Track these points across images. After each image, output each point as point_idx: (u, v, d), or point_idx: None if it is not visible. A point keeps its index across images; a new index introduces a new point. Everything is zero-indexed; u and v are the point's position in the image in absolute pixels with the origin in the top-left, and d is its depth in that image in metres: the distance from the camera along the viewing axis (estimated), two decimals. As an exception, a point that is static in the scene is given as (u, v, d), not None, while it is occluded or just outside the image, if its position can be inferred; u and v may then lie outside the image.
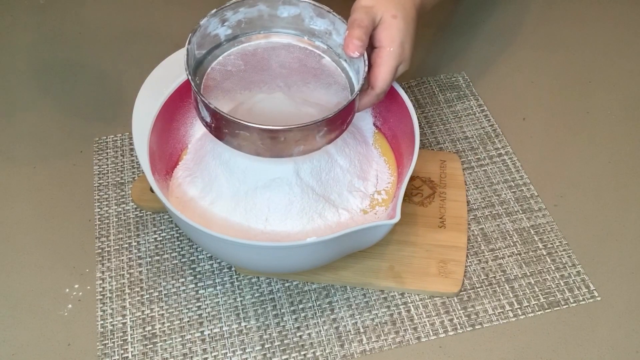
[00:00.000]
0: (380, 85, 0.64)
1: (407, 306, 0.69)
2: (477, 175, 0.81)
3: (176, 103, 0.73)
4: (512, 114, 0.88)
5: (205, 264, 0.73)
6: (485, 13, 1.03)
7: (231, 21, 0.69)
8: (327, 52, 0.71)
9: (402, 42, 0.64)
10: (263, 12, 0.70)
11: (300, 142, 0.61)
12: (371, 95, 0.64)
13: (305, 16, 0.70)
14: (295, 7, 0.69)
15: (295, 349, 0.66)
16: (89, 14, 1.05)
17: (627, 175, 0.81)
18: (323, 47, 0.71)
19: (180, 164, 0.74)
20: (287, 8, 0.69)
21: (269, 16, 0.70)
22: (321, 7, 0.68)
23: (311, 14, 0.69)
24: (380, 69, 0.63)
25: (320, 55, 0.71)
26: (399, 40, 0.64)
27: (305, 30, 0.71)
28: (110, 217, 0.77)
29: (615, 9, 1.03)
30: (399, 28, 0.64)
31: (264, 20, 0.70)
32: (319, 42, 0.71)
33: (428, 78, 0.93)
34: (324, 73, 0.69)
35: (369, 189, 0.72)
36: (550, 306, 0.69)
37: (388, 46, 0.63)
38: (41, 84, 0.94)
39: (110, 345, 0.67)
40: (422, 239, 0.73)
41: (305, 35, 0.71)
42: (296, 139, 0.61)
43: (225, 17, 0.68)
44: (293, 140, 0.61)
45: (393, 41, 0.63)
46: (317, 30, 0.70)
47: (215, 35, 0.69)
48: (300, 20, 0.70)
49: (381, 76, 0.63)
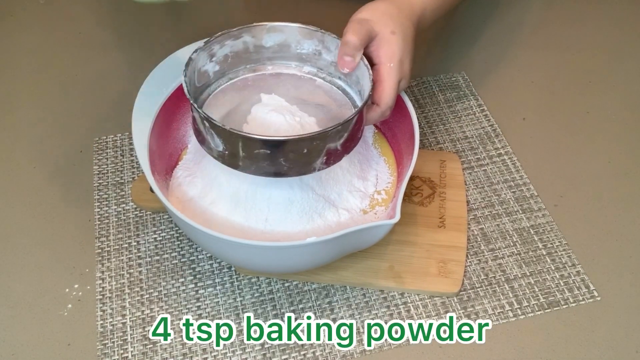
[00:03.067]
0: (385, 102, 0.64)
1: (407, 306, 0.69)
2: (477, 175, 0.81)
3: (176, 103, 0.73)
4: (512, 114, 0.88)
5: (205, 264, 0.73)
6: (485, 13, 1.03)
7: (218, 56, 0.69)
8: (319, 75, 0.71)
9: (401, 59, 0.64)
10: (248, 44, 0.69)
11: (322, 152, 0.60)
12: (377, 112, 0.64)
13: (292, 41, 0.70)
14: (281, 33, 0.69)
15: (295, 349, 0.66)
16: (89, 14, 1.05)
17: (627, 175, 0.81)
18: (313, 70, 0.71)
19: (180, 164, 0.74)
20: (272, 36, 0.69)
21: (255, 47, 0.70)
22: (308, 28, 0.68)
23: (297, 37, 0.69)
24: (383, 86, 0.64)
25: (312, 78, 0.71)
26: (398, 56, 0.64)
27: (292, 57, 0.71)
28: (110, 217, 0.77)
29: (615, 9, 1.03)
30: (398, 45, 0.64)
31: (250, 54, 0.70)
32: (308, 67, 0.71)
33: (428, 78, 0.93)
34: (319, 92, 0.70)
35: (369, 189, 0.72)
36: (550, 306, 0.69)
37: (388, 62, 0.64)
38: (41, 84, 0.94)
39: (110, 345, 0.67)
40: (422, 239, 0.73)
41: (293, 62, 0.71)
42: (319, 149, 0.60)
43: (213, 51, 0.68)
44: (316, 151, 0.60)
45: (393, 57, 0.64)
46: (304, 54, 0.70)
47: (205, 72, 0.69)
48: (287, 47, 0.70)
49: (384, 93, 0.64)
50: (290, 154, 0.59)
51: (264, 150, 0.59)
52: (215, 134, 0.60)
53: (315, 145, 0.60)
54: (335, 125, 0.59)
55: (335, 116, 0.67)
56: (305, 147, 0.59)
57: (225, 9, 1.04)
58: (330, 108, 0.68)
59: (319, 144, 0.60)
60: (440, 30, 1.01)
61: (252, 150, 0.59)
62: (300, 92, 0.70)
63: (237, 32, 0.68)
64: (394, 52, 0.64)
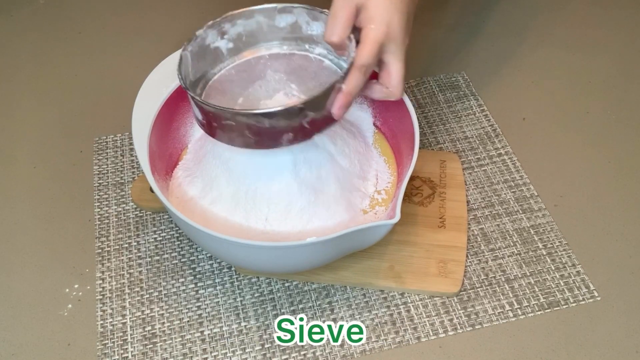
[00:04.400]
0: (358, 60, 0.61)
1: (407, 306, 0.69)
2: (477, 175, 0.81)
3: (176, 103, 0.73)
4: (512, 114, 0.88)
5: (205, 264, 0.73)
6: (485, 13, 1.03)
7: (231, 34, 0.70)
8: (328, 56, 0.71)
9: (387, 21, 0.61)
10: (262, 24, 0.71)
11: (288, 129, 0.61)
12: (353, 72, 0.61)
13: (302, 22, 0.70)
14: (291, 14, 0.70)
15: (295, 349, 0.66)
16: (89, 14, 1.05)
17: (627, 175, 0.81)
18: (324, 52, 0.71)
19: (180, 164, 0.74)
20: (284, 17, 0.70)
21: (268, 27, 0.71)
22: (314, 10, 0.69)
23: (306, 18, 0.70)
24: (360, 47, 0.61)
25: (321, 59, 0.71)
26: (381, 17, 0.61)
27: (304, 38, 0.72)
28: (110, 217, 0.77)
29: (615, 9, 1.03)
30: (379, 7, 0.61)
31: (264, 33, 0.71)
32: (319, 48, 0.72)
33: (428, 78, 0.93)
34: (325, 74, 0.69)
35: (369, 189, 0.72)
36: (550, 306, 0.69)
37: (368, 25, 0.62)
38: (41, 83, 0.94)
39: (110, 345, 0.67)
40: (422, 239, 0.73)
41: (306, 44, 0.72)
42: (281, 124, 0.60)
43: (224, 29, 0.69)
44: (279, 126, 0.60)
45: (373, 20, 0.61)
46: (315, 35, 0.71)
47: (216, 48, 0.70)
48: (298, 27, 0.71)
49: (360, 52, 0.61)
50: (254, 126, 0.60)
51: (229, 121, 0.60)
52: (195, 105, 0.63)
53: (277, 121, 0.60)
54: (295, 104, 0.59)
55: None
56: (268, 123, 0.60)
57: (226, 10, 1.04)
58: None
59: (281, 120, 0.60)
60: (440, 30, 1.01)
61: (221, 121, 0.61)
62: (307, 73, 0.70)
63: (249, 12, 0.69)
64: (373, 15, 0.61)
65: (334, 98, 0.61)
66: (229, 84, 0.69)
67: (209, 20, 0.68)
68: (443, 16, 1.03)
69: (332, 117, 0.63)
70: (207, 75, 0.70)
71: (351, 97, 0.62)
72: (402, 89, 0.64)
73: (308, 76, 0.70)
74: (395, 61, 0.63)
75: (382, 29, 0.61)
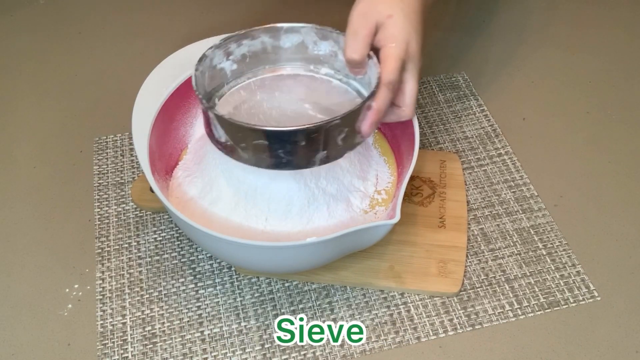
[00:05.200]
0: (385, 77, 0.61)
1: (407, 306, 0.69)
2: (477, 175, 0.81)
3: (176, 103, 0.73)
4: (512, 114, 0.88)
5: (205, 264, 0.73)
6: (485, 13, 1.03)
7: (236, 55, 0.69)
8: (335, 76, 0.71)
9: (406, 39, 0.62)
10: (266, 44, 0.70)
11: (323, 147, 0.60)
12: (381, 90, 0.62)
13: (309, 42, 0.70)
14: (298, 34, 0.69)
15: (295, 349, 0.66)
16: (89, 14, 1.05)
17: (627, 175, 0.81)
18: (330, 72, 0.71)
19: (180, 164, 0.74)
20: (290, 37, 0.69)
21: (273, 48, 0.70)
22: (323, 29, 0.68)
23: (314, 38, 0.69)
24: (384, 64, 0.62)
25: (329, 79, 0.71)
26: (401, 37, 0.62)
27: (309, 59, 0.71)
28: (110, 217, 0.77)
29: (615, 9, 1.03)
30: (398, 26, 0.62)
31: (268, 54, 0.71)
32: (325, 69, 0.71)
33: (428, 78, 0.93)
34: (335, 93, 0.69)
35: (369, 189, 0.72)
36: (550, 306, 0.69)
37: (389, 44, 0.62)
38: (41, 83, 0.94)
39: (110, 345, 0.67)
40: (422, 239, 0.73)
41: (311, 64, 0.71)
42: (318, 142, 0.59)
43: (230, 50, 0.68)
44: (314, 144, 0.60)
45: (394, 39, 0.62)
46: (322, 55, 0.70)
47: (221, 69, 0.69)
48: (304, 48, 0.70)
49: (385, 69, 0.61)
50: (288, 145, 0.59)
51: (262, 140, 0.59)
52: (218, 124, 0.61)
53: (314, 137, 0.59)
54: (333, 118, 0.58)
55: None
56: (304, 139, 0.59)
57: (226, 10, 1.04)
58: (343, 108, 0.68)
59: (318, 136, 0.59)
60: (440, 30, 1.01)
61: (251, 141, 0.60)
62: (316, 93, 0.70)
63: (254, 33, 0.68)
64: (394, 34, 0.62)
65: (364, 115, 0.61)
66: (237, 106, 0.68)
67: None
68: (443, 16, 1.03)
69: (360, 135, 0.63)
70: (212, 97, 0.69)
71: (380, 115, 0.62)
72: (414, 109, 0.65)
73: (320, 97, 0.69)
74: (411, 80, 0.63)
75: (403, 46, 0.62)
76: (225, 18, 1.02)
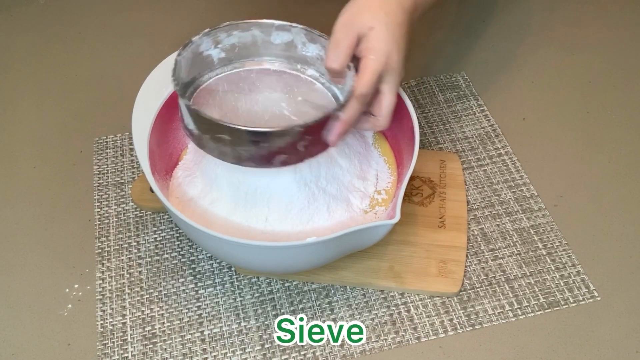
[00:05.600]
0: (357, 89, 0.61)
1: (407, 306, 0.69)
2: (477, 175, 0.81)
3: (176, 103, 0.72)
4: (512, 114, 0.88)
5: (205, 264, 0.73)
6: (485, 13, 1.03)
7: (225, 44, 0.70)
8: (319, 79, 0.71)
9: (387, 51, 0.62)
10: (257, 38, 0.70)
11: (282, 150, 0.61)
12: (352, 102, 0.62)
13: (298, 42, 0.70)
14: (288, 32, 0.70)
15: (295, 349, 0.66)
16: (89, 14, 1.05)
17: (627, 175, 0.81)
18: (315, 74, 0.71)
19: (180, 164, 0.74)
20: (280, 34, 0.70)
21: (263, 42, 0.71)
22: (312, 32, 0.69)
23: (303, 39, 0.70)
24: (359, 77, 0.62)
25: (312, 81, 0.71)
26: (382, 49, 0.62)
27: (297, 58, 0.72)
28: (110, 217, 0.77)
29: (615, 9, 1.03)
30: (379, 38, 0.62)
31: (257, 47, 0.71)
32: (311, 70, 0.72)
33: (428, 78, 0.93)
34: (315, 95, 0.70)
35: (369, 189, 0.72)
36: (550, 306, 0.69)
37: (368, 55, 0.62)
38: (41, 84, 0.94)
39: (110, 345, 0.67)
40: (422, 239, 0.73)
41: (298, 64, 0.72)
42: (277, 145, 0.60)
43: (219, 38, 0.69)
44: (274, 147, 0.60)
45: (373, 51, 0.62)
46: (309, 57, 0.71)
47: (208, 56, 0.69)
48: (293, 47, 0.71)
49: (359, 81, 0.62)
50: (249, 144, 0.60)
51: (224, 135, 0.60)
52: (188, 113, 0.62)
53: (274, 141, 0.60)
54: (295, 125, 0.59)
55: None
56: (265, 141, 0.60)
57: (226, 10, 1.04)
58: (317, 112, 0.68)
59: (279, 141, 0.60)
60: (440, 30, 1.01)
61: (214, 134, 0.61)
62: (296, 93, 0.70)
63: (246, 25, 0.69)
64: (374, 46, 0.62)
65: (331, 125, 0.62)
66: (218, 95, 0.69)
67: (206, 27, 0.68)
68: (443, 16, 1.03)
69: (325, 144, 0.63)
70: (195, 82, 0.69)
71: (348, 126, 0.63)
72: (389, 120, 0.65)
73: (298, 97, 0.69)
74: (388, 92, 0.64)
75: (382, 59, 0.62)
76: (225, 18, 1.02)
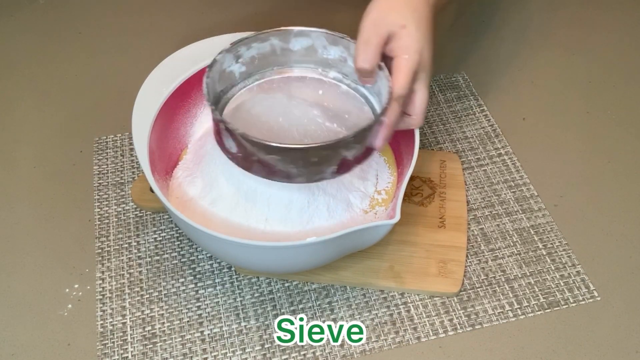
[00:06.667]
0: (396, 91, 0.61)
1: (407, 306, 0.69)
2: (477, 175, 0.81)
3: (176, 103, 0.73)
4: (512, 114, 0.88)
5: (205, 264, 0.73)
6: (485, 13, 1.03)
7: (245, 57, 0.69)
8: (344, 81, 0.71)
9: (418, 50, 0.62)
10: (275, 47, 0.69)
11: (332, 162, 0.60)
12: (392, 104, 0.62)
13: (318, 46, 0.69)
14: (308, 38, 0.69)
15: (295, 349, 0.66)
16: (89, 14, 1.05)
17: (627, 175, 0.81)
18: (339, 76, 0.71)
19: (180, 164, 0.74)
20: (300, 40, 0.69)
21: (282, 50, 0.70)
22: (334, 34, 0.68)
23: (324, 43, 0.69)
24: (396, 77, 0.62)
25: (337, 84, 0.70)
26: (414, 47, 0.62)
27: (318, 62, 0.71)
28: (110, 217, 0.77)
29: (615, 10, 1.03)
30: (411, 36, 0.62)
31: (277, 56, 0.70)
32: (334, 73, 0.71)
33: (428, 78, 0.93)
34: (343, 98, 0.69)
35: (369, 189, 0.72)
36: (550, 306, 0.69)
37: (402, 55, 0.62)
38: (41, 84, 0.94)
39: (110, 345, 0.67)
40: (422, 239, 0.73)
41: (319, 67, 0.71)
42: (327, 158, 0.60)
43: (239, 53, 0.68)
44: (324, 160, 0.60)
45: (407, 50, 0.62)
46: (330, 59, 0.70)
47: (230, 72, 0.69)
48: (313, 51, 0.70)
49: (397, 83, 0.61)
50: (300, 161, 0.60)
51: (274, 155, 0.59)
52: (230, 136, 0.61)
53: (325, 154, 0.60)
54: (346, 136, 0.59)
55: (355, 124, 0.65)
56: (316, 156, 0.59)
57: (226, 10, 1.04)
58: (350, 115, 0.68)
59: (330, 153, 0.60)
60: (440, 30, 1.01)
61: (262, 155, 0.60)
62: (324, 97, 0.69)
63: (264, 36, 0.68)
64: (408, 44, 0.62)
65: (376, 130, 0.62)
66: (246, 111, 0.68)
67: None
68: (443, 16, 1.03)
69: (371, 149, 0.63)
70: (221, 100, 0.68)
71: (392, 129, 0.62)
72: (423, 117, 0.65)
73: (328, 101, 0.69)
74: (422, 90, 0.64)
75: (416, 58, 0.62)
76: (225, 18, 1.02)
